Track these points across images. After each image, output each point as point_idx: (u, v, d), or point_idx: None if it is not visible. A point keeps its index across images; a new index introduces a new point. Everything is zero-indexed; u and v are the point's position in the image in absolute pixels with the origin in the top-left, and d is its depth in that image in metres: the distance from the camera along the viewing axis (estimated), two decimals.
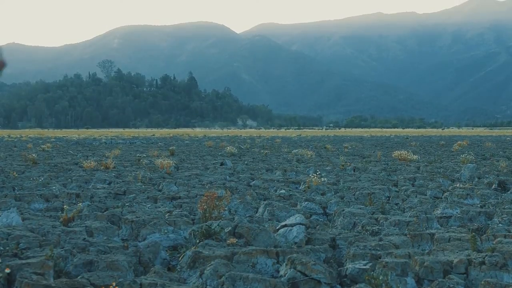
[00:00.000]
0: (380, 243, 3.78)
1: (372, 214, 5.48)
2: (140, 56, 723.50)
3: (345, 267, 3.24)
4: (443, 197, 7.24)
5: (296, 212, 5.49)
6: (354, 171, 11.64)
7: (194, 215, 5.46)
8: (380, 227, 4.74)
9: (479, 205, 6.48)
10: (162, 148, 22.90)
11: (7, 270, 2.93)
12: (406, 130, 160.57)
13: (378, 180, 9.36)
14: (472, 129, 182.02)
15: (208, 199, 4.85)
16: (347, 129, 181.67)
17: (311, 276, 2.94)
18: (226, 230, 3.99)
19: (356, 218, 5.08)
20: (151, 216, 4.97)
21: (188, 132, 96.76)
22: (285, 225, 4.41)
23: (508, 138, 37.65)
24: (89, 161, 13.50)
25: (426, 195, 7.49)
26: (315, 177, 8.43)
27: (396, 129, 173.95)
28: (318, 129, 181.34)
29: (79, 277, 3.02)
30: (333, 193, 7.59)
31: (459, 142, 28.50)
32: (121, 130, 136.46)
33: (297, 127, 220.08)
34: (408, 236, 4.11)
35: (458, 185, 8.13)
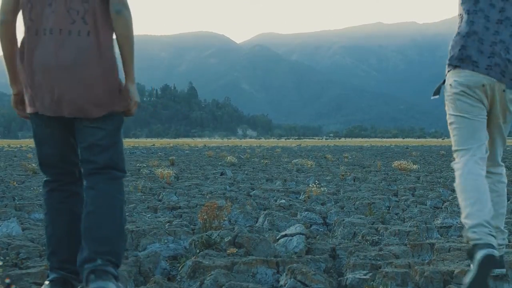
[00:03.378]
0: (380, 253, 3.78)
1: (372, 224, 5.48)
2: (140, 66, 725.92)
3: (345, 277, 3.24)
4: (443, 207, 7.24)
5: (296, 222, 5.49)
6: (354, 181, 11.63)
7: (194, 225, 5.46)
8: (380, 237, 4.74)
9: None
10: (162, 158, 22.88)
11: (7, 280, 2.93)
12: (406, 139, 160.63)
13: (378, 190, 9.36)
14: None
15: (208, 209, 4.85)
16: (347, 139, 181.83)
17: (311, 286, 2.95)
18: (226, 240, 3.99)
19: (356, 228, 5.07)
20: (151, 226, 4.96)
21: (188, 142, 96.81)
22: (285, 235, 4.41)
23: (508, 148, 37.72)
24: None
25: (426, 205, 7.49)
26: (315, 187, 8.42)
27: (396, 139, 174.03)
28: (318, 139, 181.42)
29: (79, 287, 3.02)
30: (333, 203, 7.59)
31: None
32: None
33: (297, 137, 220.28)
34: (408, 246, 4.11)
35: None
